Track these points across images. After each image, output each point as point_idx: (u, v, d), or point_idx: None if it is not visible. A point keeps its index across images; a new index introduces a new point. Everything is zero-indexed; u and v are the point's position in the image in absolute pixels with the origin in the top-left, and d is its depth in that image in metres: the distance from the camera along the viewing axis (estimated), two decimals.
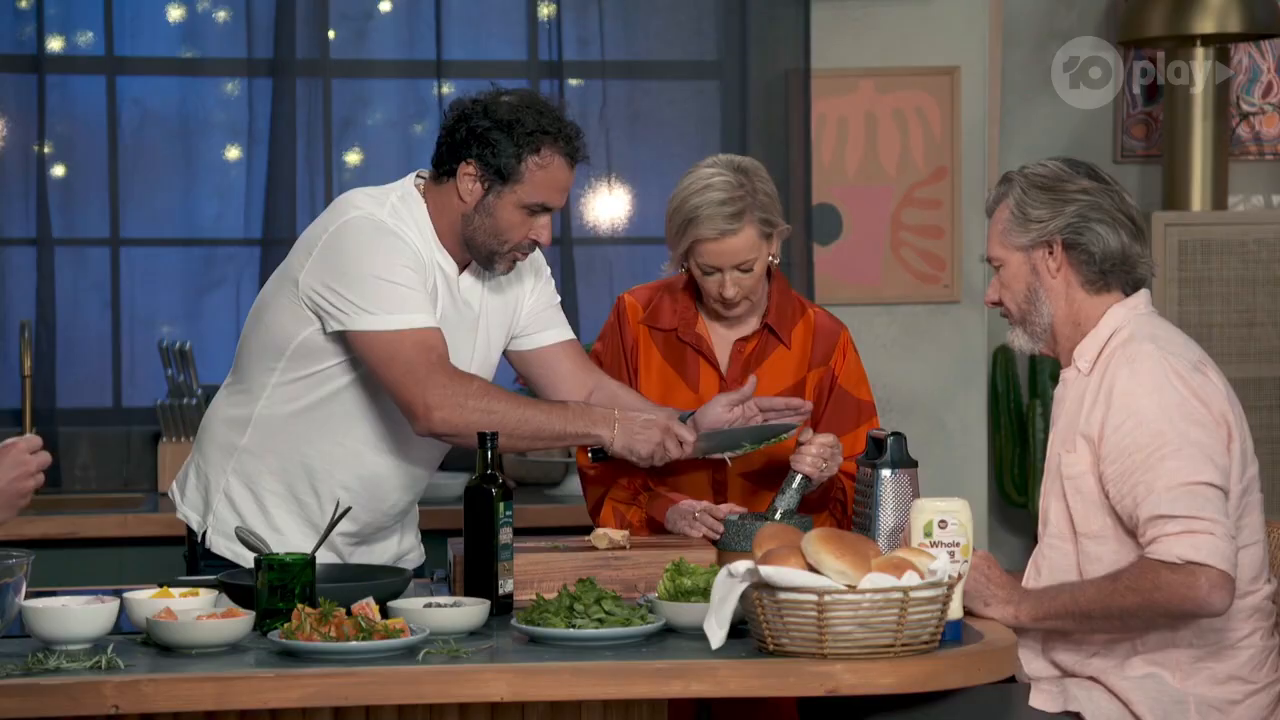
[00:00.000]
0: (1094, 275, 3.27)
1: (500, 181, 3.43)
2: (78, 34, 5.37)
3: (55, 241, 5.29)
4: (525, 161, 3.42)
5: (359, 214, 3.45)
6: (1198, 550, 3.03)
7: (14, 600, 2.89)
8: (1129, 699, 3.15)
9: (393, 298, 3.39)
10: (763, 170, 3.67)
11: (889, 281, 5.60)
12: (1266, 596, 3.24)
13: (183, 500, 3.65)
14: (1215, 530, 3.04)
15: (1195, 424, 3.12)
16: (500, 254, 3.49)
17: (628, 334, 3.77)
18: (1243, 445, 3.21)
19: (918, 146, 5.57)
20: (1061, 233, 3.26)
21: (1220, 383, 3.22)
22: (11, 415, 5.28)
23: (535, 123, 3.42)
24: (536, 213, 3.46)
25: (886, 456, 3.42)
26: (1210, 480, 3.08)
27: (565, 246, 5.42)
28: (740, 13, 5.42)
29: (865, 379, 3.80)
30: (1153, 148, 5.77)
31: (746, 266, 3.62)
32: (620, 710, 2.96)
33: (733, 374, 3.73)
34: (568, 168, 3.47)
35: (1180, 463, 3.09)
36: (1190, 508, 3.05)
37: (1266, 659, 3.23)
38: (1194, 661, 3.18)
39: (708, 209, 3.58)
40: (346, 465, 3.53)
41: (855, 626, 2.81)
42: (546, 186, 3.45)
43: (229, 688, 2.76)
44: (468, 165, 3.44)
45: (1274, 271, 5.41)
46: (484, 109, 3.44)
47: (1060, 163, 3.32)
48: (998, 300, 3.36)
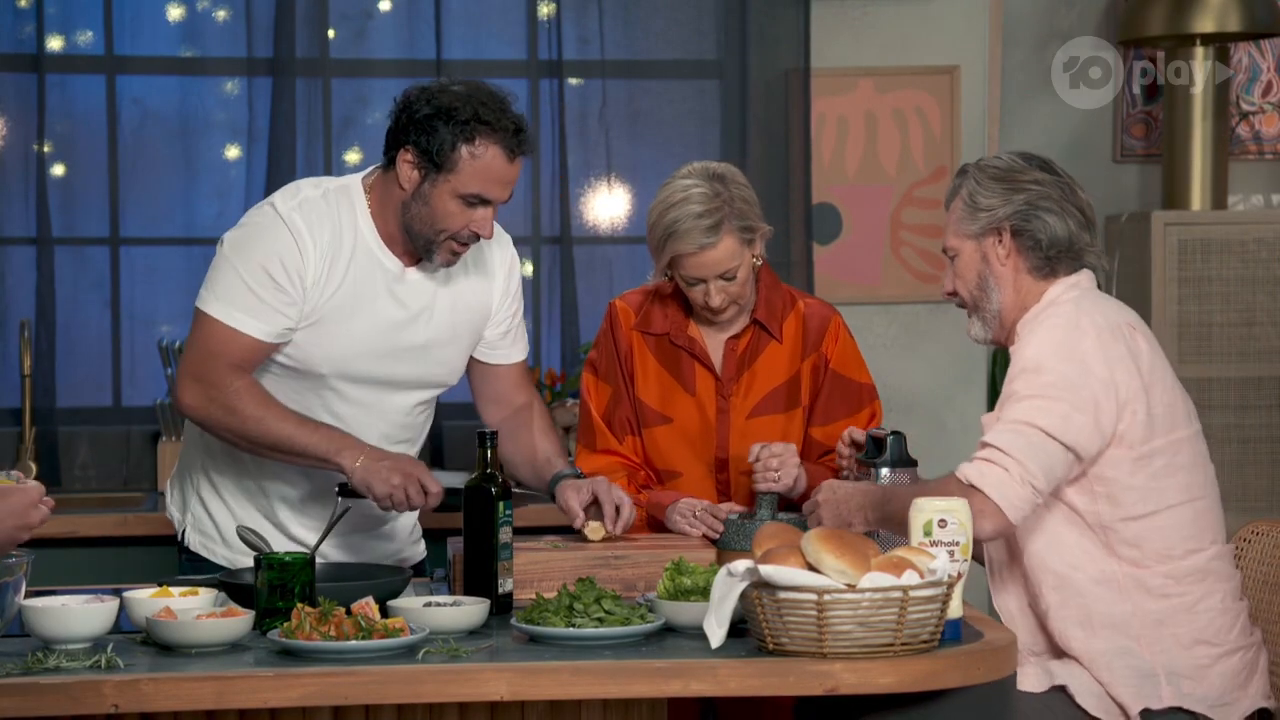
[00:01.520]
0: (1040, 262, 3.37)
1: (435, 169, 3.40)
2: (77, 33, 5.36)
3: (55, 241, 5.29)
4: (459, 150, 3.38)
5: (267, 201, 3.50)
6: (983, 477, 3.18)
7: (14, 599, 2.89)
8: (1104, 679, 3.20)
9: (232, 289, 3.42)
10: (739, 175, 3.66)
11: (889, 281, 5.60)
12: (1214, 558, 3.30)
13: (170, 499, 3.69)
14: (1010, 468, 3.17)
15: (1074, 372, 3.22)
16: (436, 243, 3.45)
17: (622, 340, 3.77)
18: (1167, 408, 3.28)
19: (917, 146, 5.57)
20: (1010, 219, 3.36)
21: (1146, 346, 3.30)
22: (11, 415, 5.28)
23: (473, 112, 3.38)
24: (474, 204, 3.42)
25: (886, 456, 3.43)
26: (1044, 427, 3.19)
27: (565, 246, 5.42)
28: (740, 12, 5.42)
29: (862, 362, 3.79)
30: (1153, 147, 5.77)
31: (730, 275, 3.62)
32: (620, 710, 2.96)
33: (727, 373, 3.74)
34: (506, 160, 3.41)
35: (1029, 404, 3.22)
36: (1006, 443, 3.19)
37: (1236, 621, 3.29)
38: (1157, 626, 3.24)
39: (685, 222, 3.57)
40: (276, 464, 3.52)
41: (855, 626, 2.81)
42: (481, 177, 3.40)
43: (228, 687, 2.76)
44: (406, 152, 3.42)
45: (1274, 271, 5.41)
46: (428, 97, 3.41)
47: (1015, 155, 3.43)
48: (953, 290, 3.43)
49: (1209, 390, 5.32)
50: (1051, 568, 3.26)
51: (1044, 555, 3.26)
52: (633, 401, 3.75)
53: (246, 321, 3.41)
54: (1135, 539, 3.24)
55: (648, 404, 3.73)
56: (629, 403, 3.76)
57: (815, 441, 3.74)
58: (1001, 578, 3.36)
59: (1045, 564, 3.26)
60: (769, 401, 3.74)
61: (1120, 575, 3.25)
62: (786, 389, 3.74)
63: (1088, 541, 3.26)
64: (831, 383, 3.74)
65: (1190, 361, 5.29)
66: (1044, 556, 3.26)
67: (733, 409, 3.73)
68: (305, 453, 3.40)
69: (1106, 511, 3.24)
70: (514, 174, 3.45)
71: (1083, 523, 3.26)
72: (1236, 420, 5.35)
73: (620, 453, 3.75)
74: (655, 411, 3.74)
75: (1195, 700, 3.22)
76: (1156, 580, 3.24)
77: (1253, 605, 3.44)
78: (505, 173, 3.42)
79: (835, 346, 3.75)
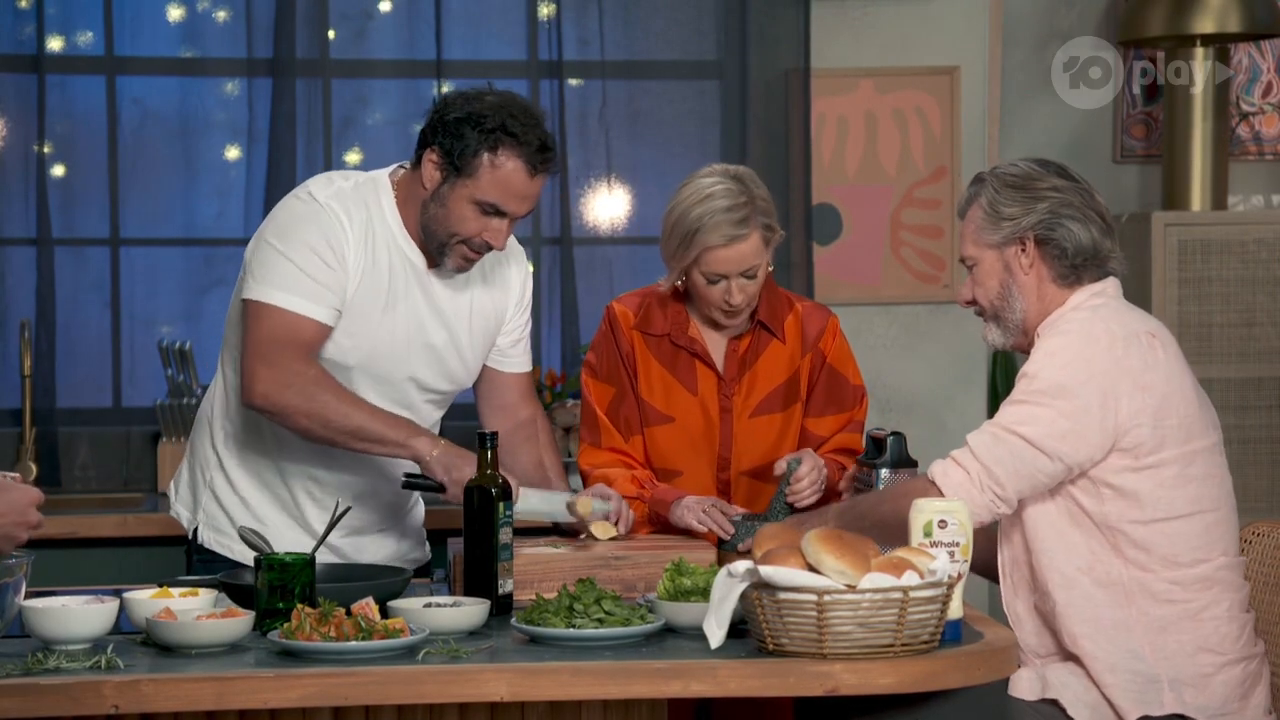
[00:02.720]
0: (1066, 270, 3.35)
1: (456, 173, 3.43)
2: (78, 34, 5.37)
3: (55, 241, 5.29)
4: (481, 157, 3.41)
5: (300, 190, 3.51)
6: (945, 476, 3.23)
7: (14, 600, 2.89)
8: (1105, 682, 3.19)
9: (283, 273, 3.42)
10: (757, 177, 3.68)
11: (889, 281, 5.60)
12: (1221, 568, 3.28)
13: (175, 498, 3.69)
14: (973, 472, 3.21)
15: (1071, 379, 3.21)
16: (449, 246, 3.47)
17: (623, 341, 3.77)
18: (1183, 419, 3.27)
19: (917, 146, 5.57)
20: (1034, 229, 3.34)
21: (1165, 356, 3.29)
22: (11, 415, 5.28)
23: (501, 122, 3.40)
24: (490, 213, 3.44)
25: (886, 456, 3.43)
26: (1026, 435, 3.21)
27: (565, 246, 5.43)
28: (740, 12, 5.42)
29: (854, 363, 3.81)
30: (1153, 148, 5.77)
31: (751, 273, 3.62)
32: (620, 710, 2.96)
33: (730, 373, 3.74)
34: (527, 175, 3.43)
35: (1017, 410, 3.24)
36: (978, 445, 3.24)
37: (1242, 631, 3.28)
38: (1160, 632, 3.23)
39: (714, 216, 3.57)
40: (304, 454, 3.54)
41: (855, 626, 2.81)
42: (499, 188, 3.42)
43: (229, 688, 2.76)
44: (432, 152, 3.45)
45: (1274, 271, 5.41)
46: (462, 102, 3.44)
47: (1031, 162, 3.41)
48: (972, 299, 3.42)
49: (1209, 390, 5.25)
50: (1059, 568, 3.25)
51: (1052, 555, 3.26)
52: (636, 401, 3.76)
53: (308, 306, 3.42)
54: (1143, 542, 3.24)
55: (651, 404, 3.74)
56: (633, 401, 3.76)
57: (809, 433, 3.75)
58: (1014, 580, 3.34)
59: (1053, 564, 3.26)
60: (770, 401, 3.74)
61: (1126, 578, 3.24)
62: (786, 387, 3.75)
63: (1095, 543, 3.25)
64: (826, 376, 3.76)
65: (1190, 362, 5.22)
66: (1052, 557, 3.26)
67: (735, 408, 3.74)
68: (383, 439, 3.41)
69: (1115, 513, 3.23)
70: (535, 190, 3.46)
71: (1090, 524, 3.25)
72: (1236, 420, 5.34)
73: (624, 450, 3.75)
74: (658, 411, 3.74)
75: (1196, 709, 3.20)
76: (1161, 585, 3.24)
77: (1253, 606, 3.43)
78: (525, 187, 3.44)
79: (833, 343, 3.78)
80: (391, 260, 3.50)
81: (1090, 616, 3.23)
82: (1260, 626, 3.41)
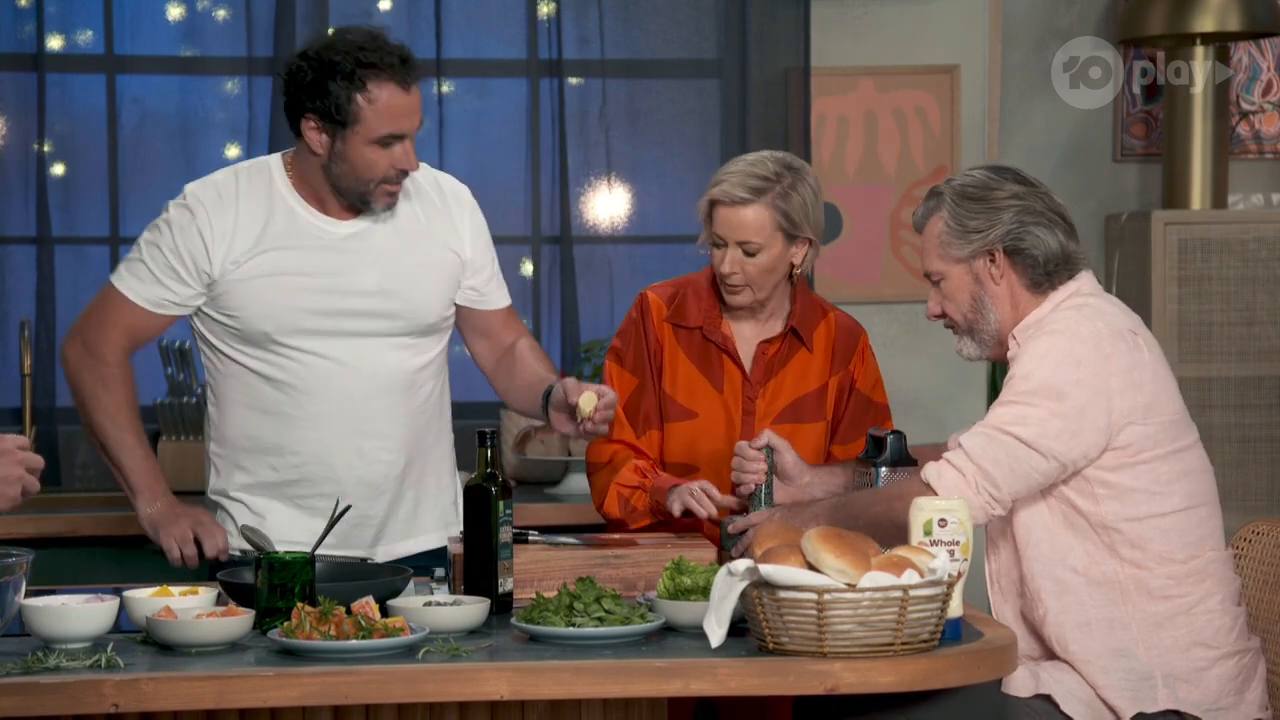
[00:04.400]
0: (1040, 278, 3.36)
1: (341, 127, 3.46)
2: (77, 33, 5.36)
3: (55, 240, 5.29)
4: (355, 101, 3.44)
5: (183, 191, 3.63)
6: (939, 477, 3.22)
7: (13, 599, 2.89)
8: (1099, 681, 3.19)
9: (131, 262, 3.60)
10: (812, 181, 3.69)
11: (889, 280, 5.60)
12: (1213, 561, 3.29)
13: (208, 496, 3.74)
14: (967, 474, 3.19)
15: (1063, 379, 3.21)
16: (370, 193, 3.52)
17: (652, 332, 3.76)
18: (1172, 415, 3.27)
19: (917, 145, 5.57)
20: (1002, 240, 3.33)
21: (1149, 354, 3.29)
22: (11, 414, 5.28)
23: (355, 60, 3.43)
24: (389, 143, 3.48)
25: (885, 455, 3.43)
26: (1020, 435, 3.20)
27: (565, 245, 5.42)
28: (740, 11, 5.42)
29: (881, 381, 3.83)
30: (1152, 147, 5.77)
31: (751, 249, 3.63)
32: (620, 709, 2.96)
33: (756, 375, 3.74)
34: (403, 93, 3.46)
35: (1010, 410, 3.22)
36: (972, 447, 3.21)
37: (1234, 625, 3.29)
38: (1155, 628, 3.23)
39: (733, 176, 3.64)
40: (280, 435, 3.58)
41: (855, 625, 2.81)
42: (385, 118, 3.45)
43: (229, 686, 2.76)
44: (308, 120, 3.49)
45: (1274, 271, 5.41)
46: (308, 61, 3.47)
47: (985, 171, 3.39)
48: (941, 313, 3.40)
49: (1209, 390, 5.33)
50: (1052, 572, 3.25)
51: (1045, 561, 3.26)
52: (658, 395, 3.75)
53: (135, 290, 3.57)
54: (1138, 539, 3.24)
55: (674, 399, 3.73)
56: (654, 396, 3.75)
57: (836, 459, 3.75)
58: (1001, 587, 3.35)
59: (1045, 570, 3.26)
60: (793, 409, 3.74)
61: (1122, 577, 3.24)
62: (812, 400, 3.75)
63: (1089, 544, 3.25)
64: (857, 404, 3.77)
65: (1190, 361, 5.29)
66: (1045, 563, 3.26)
67: (759, 411, 3.73)
68: (120, 467, 3.59)
69: (1110, 512, 3.24)
70: (415, 102, 3.50)
71: (1085, 524, 3.25)
72: (1236, 420, 5.34)
73: (635, 445, 3.75)
74: (681, 406, 3.74)
75: (1191, 704, 3.21)
76: (1158, 582, 3.24)
77: (1253, 605, 3.44)
78: (406, 104, 3.48)
79: (862, 367, 3.79)
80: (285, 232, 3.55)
81: (1081, 620, 3.23)
82: (1260, 625, 3.42)
